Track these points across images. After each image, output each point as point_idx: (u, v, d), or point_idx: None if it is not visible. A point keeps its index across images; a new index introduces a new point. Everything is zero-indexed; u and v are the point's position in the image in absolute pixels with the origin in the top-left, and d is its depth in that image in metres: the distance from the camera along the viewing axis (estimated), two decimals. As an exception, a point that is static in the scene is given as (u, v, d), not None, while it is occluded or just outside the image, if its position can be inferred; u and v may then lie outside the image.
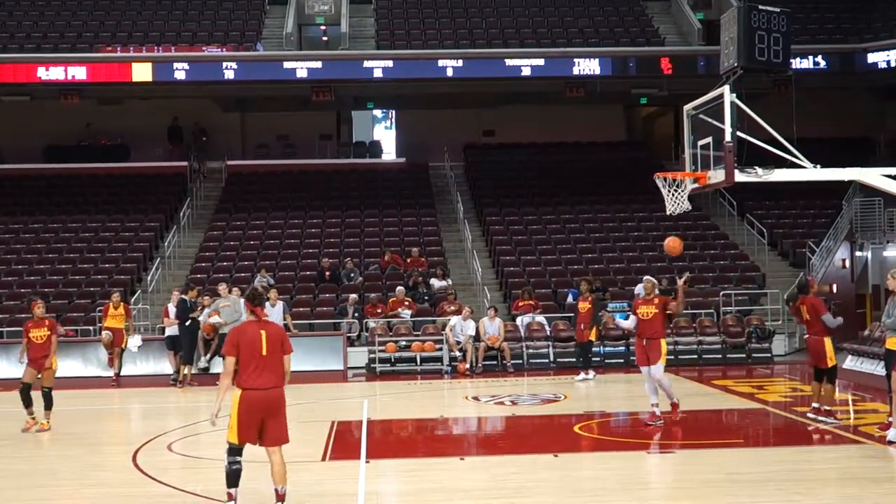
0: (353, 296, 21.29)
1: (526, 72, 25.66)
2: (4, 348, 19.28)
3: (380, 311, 20.85)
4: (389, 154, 32.28)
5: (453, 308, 20.35)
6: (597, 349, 19.02)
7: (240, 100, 29.36)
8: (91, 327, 20.59)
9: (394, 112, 33.67)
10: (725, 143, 12.65)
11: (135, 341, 18.64)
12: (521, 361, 19.60)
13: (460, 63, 25.68)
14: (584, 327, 17.53)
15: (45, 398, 12.53)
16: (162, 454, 10.80)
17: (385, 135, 34.64)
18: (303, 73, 25.55)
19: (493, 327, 19.48)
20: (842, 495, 8.36)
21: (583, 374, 17.36)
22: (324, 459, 10.38)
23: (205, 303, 18.03)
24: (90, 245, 25.26)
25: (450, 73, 25.64)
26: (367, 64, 25.79)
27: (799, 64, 24.30)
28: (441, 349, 19.46)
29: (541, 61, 25.69)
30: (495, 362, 19.43)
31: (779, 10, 13.33)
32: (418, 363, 19.43)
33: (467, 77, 25.85)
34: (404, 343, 19.59)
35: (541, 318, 20.45)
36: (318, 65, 25.67)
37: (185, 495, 8.65)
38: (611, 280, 22.54)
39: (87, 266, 24.07)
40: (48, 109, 27.33)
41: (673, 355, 19.57)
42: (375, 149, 31.96)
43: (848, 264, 24.32)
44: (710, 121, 13.28)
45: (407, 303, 21.04)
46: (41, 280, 23.40)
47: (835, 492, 8.57)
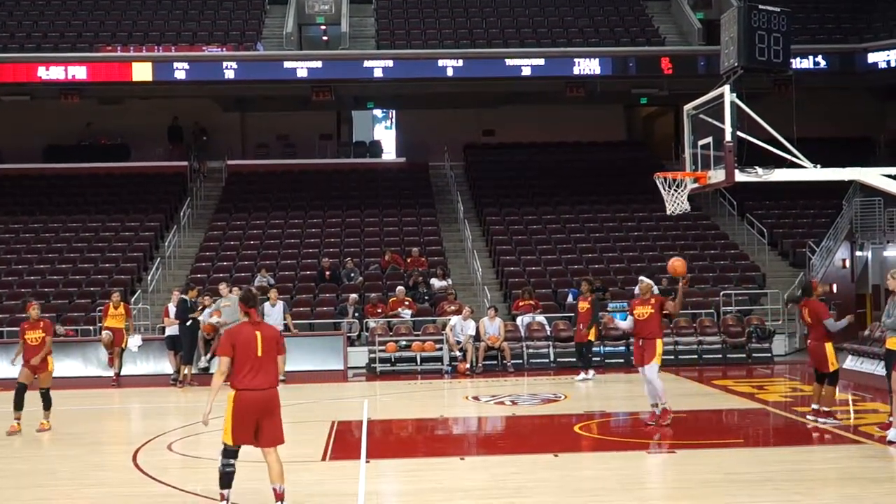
0: (354, 296, 21.29)
1: (526, 72, 25.66)
2: (4, 348, 19.26)
3: (380, 310, 20.85)
4: (389, 154, 32.29)
5: (453, 308, 20.35)
6: (597, 349, 19.02)
7: (240, 99, 29.37)
8: (91, 327, 20.60)
9: (394, 112, 33.71)
10: (725, 143, 12.66)
11: (135, 341, 18.64)
12: (521, 361, 19.60)
13: (460, 63, 25.67)
14: (584, 327, 17.55)
15: (43, 399, 12.52)
16: (162, 454, 10.81)
17: (385, 135, 34.67)
18: (303, 73, 25.55)
19: (493, 327, 19.48)
20: (842, 495, 8.36)
21: (583, 373, 17.37)
22: (324, 459, 10.38)
23: (205, 303, 18.03)
24: (90, 245, 25.26)
25: (450, 72, 25.63)
26: (368, 64, 25.79)
27: (799, 64, 24.30)
28: (441, 349, 19.46)
29: (541, 61, 25.69)
30: (495, 362, 19.43)
31: (779, 9, 13.34)
32: (418, 363, 19.43)
33: (467, 77, 25.84)
34: (404, 343, 19.59)
35: (541, 318, 20.45)
36: (319, 65, 25.67)
37: (185, 495, 8.66)
38: (611, 280, 22.55)
39: (87, 266, 24.08)
40: (48, 109, 27.33)
41: (673, 355, 19.65)
42: (375, 149, 31.98)
43: (848, 264, 24.32)
44: (711, 121, 13.29)
45: (407, 303, 21.04)
46: (41, 280, 23.40)
47: (835, 492, 8.57)
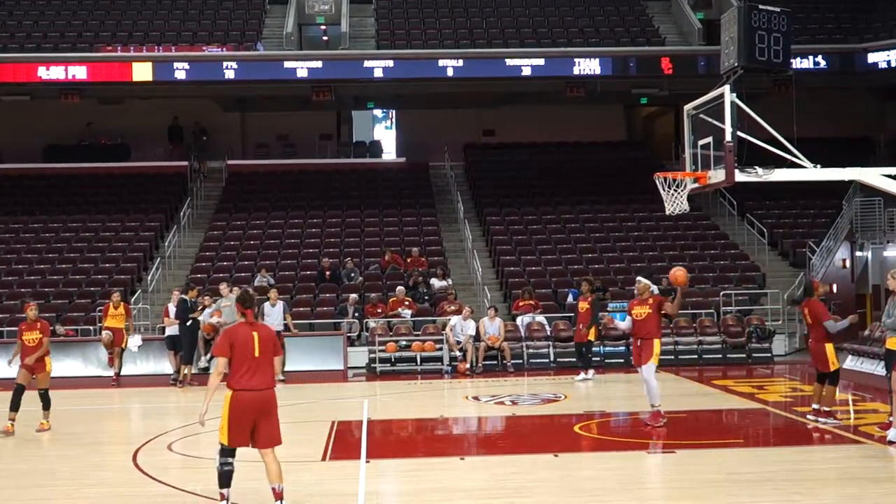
0: (354, 296, 21.29)
1: (526, 72, 25.65)
2: (4, 348, 19.25)
3: (380, 310, 20.85)
4: (389, 154, 32.29)
5: (453, 308, 20.34)
6: (597, 349, 19.02)
7: (240, 99, 29.37)
8: (91, 327, 20.60)
9: (394, 112, 33.69)
10: (726, 143, 12.67)
11: (135, 341, 18.64)
12: (521, 361, 19.60)
13: (460, 63, 25.66)
14: (583, 327, 17.54)
15: (42, 399, 12.51)
16: (162, 454, 10.81)
17: (385, 135, 34.66)
18: (303, 73, 25.54)
19: (493, 327, 19.47)
20: (842, 495, 8.36)
21: (583, 373, 17.36)
22: (324, 459, 10.38)
23: (205, 303, 18.03)
24: (90, 245, 25.26)
25: (450, 72, 25.63)
26: (368, 64, 25.78)
27: (799, 64, 24.29)
28: (441, 349, 19.46)
29: (541, 61, 25.68)
30: (495, 362, 19.43)
31: (779, 9, 13.34)
32: (418, 363, 19.43)
33: (467, 77, 25.84)
34: (404, 343, 19.59)
35: (541, 318, 20.45)
36: (319, 64, 25.66)
37: (185, 495, 8.66)
38: (611, 280, 22.54)
39: (87, 266, 24.08)
40: (48, 109, 27.32)
41: (673, 355, 19.66)
42: (375, 149, 31.97)
43: (848, 264, 24.32)
44: (711, 121, 13.29)
45: (407, 303, 21.04)
46: (41, 280, 23.40)
47: (835, 492, 8.56)
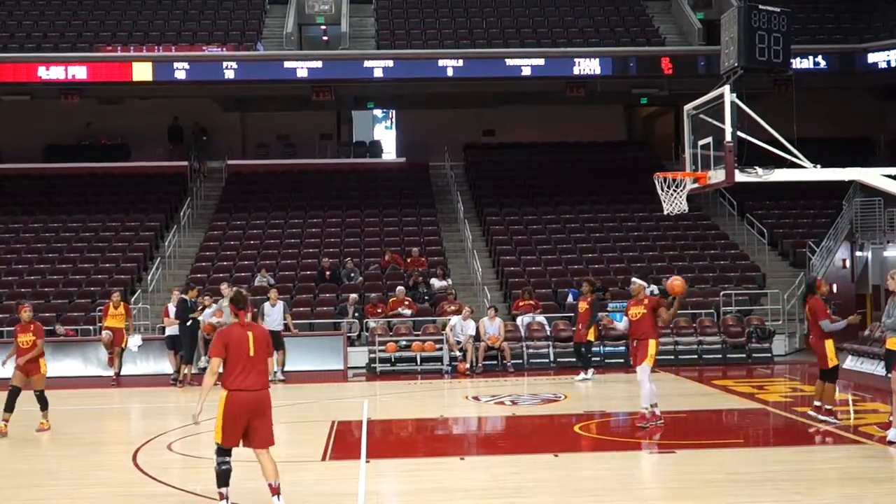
0: (354, 296, 21.29)
1: (526, 72, 25.63)
2: (4, 348, 19.24)
3: (380, 310, 20.85)
4: (389, 154, 32.28)
5: (453, 308, 20.34)
6: (596, 349, 19.02)
7: (240, 99, 29.36)
8: (91, 327, 20.59)
9: (394, 112, 33.69)
10: (726, 143, 12.67)
11: (135, 341, 18.63)
12: (521, 361, 19.59)
13: (460, 63, 25.65)
14: (583, 327, 17.54)
15: (39, 401, 12.50)
16: (162, 454, 10.81)
17: (385, 135, 34.66)
18: (303, 73, 25.53)
19: (493, 327, 19.47)
20: (842, 495, 8.36)
21: (582, 373, 17.36)
22: (324, 459, 10.38)
23: (205, 302, 18.02)
24: (90, 245, 25.26)
25: (450, 72, 25.61)
26: (368, 64, 25.77)
27: (799, 64, 24.28)
28: (441, 349, 19.45)
29: (541, 61, 25.67)
30: (495, 362, 19.42)
31: (779, 10, 13.35)
32: (418, 363, 19.42)
33: (467, 77, 25.82)
34: (404, 343, 19.58)
35: (541, 318, 20.45)
36: (319, 64, 25.65)
37: (185, 495, 8.67)
38: (611, 280, 22.54)
39: (87, 266, 24.07)
40: (48, 109, 27.31)
41: (673, 355, 19.67)
42: (375, 149, 31.97)
43: (848, 264, 24.33)
44: (711, 121, 13.29)
45: (407, 302, 21.04)
46: (41, 280, 23.40)
47: (835, 492, 8.57)
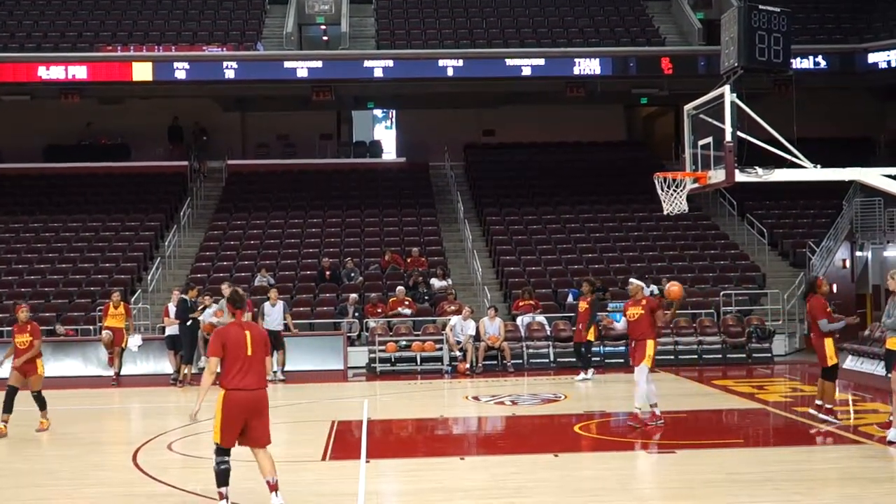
0: (354, 295, 21.29)
1: (526, 72, 25.63)
2: (4, 348, 19.23)
3: (380, 310, 20.85)
4: (389, 154, 32.28)
5: (453, 308, 20.34)
6: (597, 349, 19.02)
7: (240, 99, 29.36)
8: (91, 327, 20.59)
9: (394, 112, 33.69)
10: (726, 143, 12.67)
11: (135, 341, 18.63)
12: (521, 361, 19.59)
13: (460, 63, 25.65)
14: (583, 327, 17.54)
15: (36, 401, 12.49)
16: (162, 453, 10.81)
17: (385, 134, 34.65)
18: (303, 73, 25.53)
19: (493, 327, 19.47)
20: (842, 495, 8.36)
21: (582, 373, 17.36)
22: (324, 459, 10.38)
23: (205, 302, 18.01)
24: (90, 245, 25.26)
25: (450, 72, 25.61)
26: (368, 64, 25.77)
27: (799, 64, 24.28)
28: (441, 349, 19.46)
29: (541, 61, 25.67)
30: (495, 362, 19.43)
31: (779, 10, 13.35)
32: (418, 363, 19.42)
33: (467, 77, 25.82)
34: (404, 343, 19.59)
35: (541, 318, 20.45)
36: (319, 64, 25.65)
37: (185, 494, 8.66)
38: (611, 280, 22.54)
39: (87, 266, 24.07)
40: (48, 109, 27.31)
41: (673, 355, 19.68)
42: (375, 148, 31.96)
43: (848, 264, 24.32)
44: (711, 121, 13.30)
45: (407, 302, 21.04)
46: (41, 280, 23.40)
47: (835, 492, 8.57)
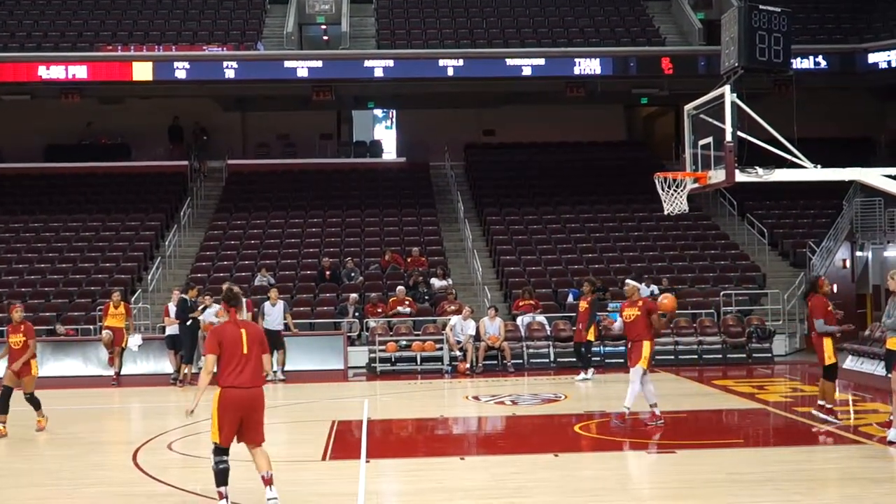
0: (354, 295, 21.29)
1: (526, 71, 25.63)
2: (3, 348, 19.25)
3: (380, 310, 20.85)
4: (390, 154, 32.28)
5: (454, 308, 20.34)
6: (596, 349, 19.02)
7: (240, 99, 29.36)
8: (91, 327, 20.59)
9: (394, 112, 33.69)
10: (726, 143, 12.67)
11: (135, 340, 18.63)
12: (521, 361, 19.59)
13: (461, 63, 25.64)
14: (583, 327, 17.54)
15: (31, 403, 12.47)
16: (162, 453, 10.81)
17: (385, 134, 34.65)
18: (303, 73, 25.53)
19: (493, 327, 19.47)
20: (842, 495, 8.36)
21: (582, 373, 17.36)
22: (324, 459, 10.38)
23: (205, 302, 18.01)
24: (90, 244, 25.26)
25: (450, 72, 25.60)
26: (368, 63, 25.77)
27: (799, 64, 24.28)
28: (441, 349, 19.46)
29: (541, 61, 25.66)
30: (495, 362, 19.42)
31: (779, 10, 13.35)
32: (418, 363, 19.42)
33: (468, 77, 25.81)
34: (405, 343, 19.59)
35: (541, 318, 20.45)
36: (319, 64, 25.65)
37: (186, 494, 8.67)
38: (611, 280, 22.53)
39: (87, 265, 24.07)
40: (49, 108, 27.31)
41: (673, 355, 19.69)
42: (376, 148, 31.96)
43: (848, 264, 24.32)
44: (711, 121, 13.30)
45: (407, 302, 21.04)
46: (41, 280, 23.40)
47: (835, 492, 8.57)
